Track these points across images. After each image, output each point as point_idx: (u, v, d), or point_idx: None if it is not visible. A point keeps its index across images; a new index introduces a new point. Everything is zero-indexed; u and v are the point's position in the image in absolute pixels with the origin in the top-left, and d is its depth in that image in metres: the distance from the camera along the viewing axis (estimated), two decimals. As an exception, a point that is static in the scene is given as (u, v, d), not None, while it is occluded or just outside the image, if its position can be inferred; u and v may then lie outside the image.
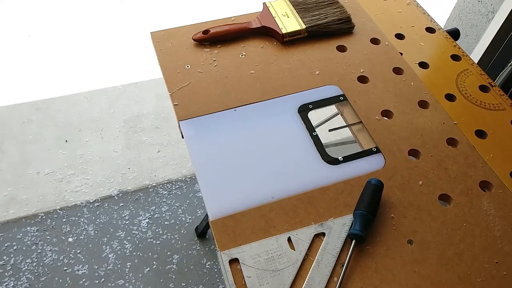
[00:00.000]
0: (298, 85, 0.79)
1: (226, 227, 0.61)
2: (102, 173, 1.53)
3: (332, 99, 0.77)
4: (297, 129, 0.72)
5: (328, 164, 0.68)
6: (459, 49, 0.89)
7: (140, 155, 1.59)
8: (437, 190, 0.67)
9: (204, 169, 0.67)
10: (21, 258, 1.31)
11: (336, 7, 0.90)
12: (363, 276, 0.58)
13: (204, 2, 2.25)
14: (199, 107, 0.74)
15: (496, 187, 0.67)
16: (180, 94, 0.76)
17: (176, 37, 0.85)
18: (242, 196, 0.64)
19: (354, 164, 0.69)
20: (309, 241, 0.60)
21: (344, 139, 1.27)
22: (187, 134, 0.71)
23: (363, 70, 0.82)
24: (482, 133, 0.75)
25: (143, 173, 1.55)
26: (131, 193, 1.50)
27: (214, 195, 0.64)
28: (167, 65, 0.80)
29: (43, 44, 2.01)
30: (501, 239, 0.62)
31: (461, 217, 0.64)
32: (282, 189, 0.65)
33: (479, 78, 0.83)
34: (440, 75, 0.84)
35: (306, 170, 0.68)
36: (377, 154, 0.70)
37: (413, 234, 0.62)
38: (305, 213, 0.63)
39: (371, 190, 0.62)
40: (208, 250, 1.37)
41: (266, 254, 0.59)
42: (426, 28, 0.92)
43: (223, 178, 0.66)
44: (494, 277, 0.59)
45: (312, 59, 0.83)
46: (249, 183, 0.66)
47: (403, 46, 0.88)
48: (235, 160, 0.68)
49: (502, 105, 0.79)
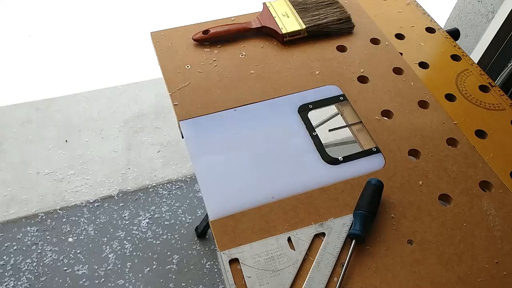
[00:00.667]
0: (298, 85, 0.79)
1: (226, 227, 0.61)
2: (102, 173, 1.53)
3: (332, 99, 0.77)
4: (297, 129, 0.72)
5: (328, 164, 0.68)
6: (459, 49, 0.89)
7: (140, 155, 1.59)
8: (437, 190, 0.67)
9: (204, 169, 0.67)
10: (21, 258, 1.31)
11: (336, 7, 0.90)
12: (363, 276, 0.58)
13: (204, 2, 2.25)
14: (199, 107, 0.74)
15: (496, 187, 0.67)
16: (180, 94, 0.76)
17: (176, 37, 0.85)
18: (242, 196, 0.64)
19: (354, 164, 0.69)
20: (309, 241, 0.60)
21: (344, 139, 1.27)
22: (187, 134, 0.71)
23: (363, 70, 0.82)
24: (482, 133, 0.75)
25: (143, 173, 1.55)
26: (131, 193, 1.50)
27: (214, 196, 0.64)
28: (167, 65, 0.80)
29: (43, 44, 2.01)
30: (501, 239, 0.62)
31: (461, 217, 0.64)
32: (282, 189, 0.65)
33: (479, 78, 0.83)
34: (440, 75, 0.84)
35: (306, 170, 0.68)
36: (377, 154, 0.70)
37: (413, 234, 0.62)
38: (305, 213, 0.63)
39: (371, 190, 0.62)
40: (208, 250, 1.37)
41: (266, 254, 0.59)
42: (426, 28, 0.92)
43: (223, 178, 0.66)
44: (494, 277, 0.59)
45: (312, 59, 0.83)
46: (249, 183, 0.66)
47: (403, 46, 0.88)
48: (235, 160, 0.68)
49: (502, 105, 0.79)
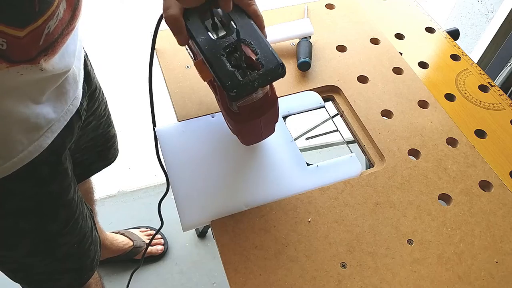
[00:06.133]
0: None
1: (226, 227, 0.61)
2: (102, 173, 1.53)
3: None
4: (275, 135, 0.68)
5: (306, 171, 0.67)
6: (459, 49, 0.89)
7: (140, 154, 1.59)
8: (437, 190, 0.67)
9: (178, 177, 0.66)
10: (21, 258, 1.31)
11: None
12: (363, 276, 0.58)
13: (204, 2, 2.25)
14: (199, 107, 0.74)
15: (496, 187, 0.68)
16: (180, 94, 0.76)
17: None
18: (215, 205, 0.63)
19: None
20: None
21: (341, 140, 1.27)
22: (162, 140, 0.69)
23: (363, 70, 0.82)
24: (482, 133, 0.75)
25: (143, 173, 1.55)
26: (131, 193, 1.50)
27: (187, 204, 0.63)
28: (167, 65, 0.80)
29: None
30: (501, 239, 0.62)
31: (461, 217, 0.64)
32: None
33: (479, 78, 0.84)
34: (439, 75, 0.84)
35: (283, 177, 0.66)
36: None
37: (413, 233, 0.62)
38: (305, 213, 0.63)
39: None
40: (208, 250, 1.37)
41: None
42: (426, 28, 0.93)
43: (196, 186, 0.65)
44: (494, 277, 0.59)
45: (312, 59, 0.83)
46: (223, 191, 0.64)
47: (403, 46, 0.88)
48: (209, 168, 0.67)
49: (502, 104, 0.79)
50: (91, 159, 0.89)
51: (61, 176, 0.65)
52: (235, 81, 0.48)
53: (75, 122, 0.66)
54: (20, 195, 0.61)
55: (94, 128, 0.82)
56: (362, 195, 0.65)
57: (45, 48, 0.50)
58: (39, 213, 0.64)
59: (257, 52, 0.50)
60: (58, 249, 0.71)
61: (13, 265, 0.71)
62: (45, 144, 0.58)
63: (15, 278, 0.73)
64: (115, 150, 0.97)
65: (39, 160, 0.58)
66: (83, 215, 0.74)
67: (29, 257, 0.69)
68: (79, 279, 0.80)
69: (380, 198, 0.65)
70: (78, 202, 0.71)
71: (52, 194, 0.64)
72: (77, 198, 0.71)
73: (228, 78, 0.48)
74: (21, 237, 0.65)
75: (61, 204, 0.67)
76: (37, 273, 0.73)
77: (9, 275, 0.73)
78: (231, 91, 0.47)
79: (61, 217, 0.68)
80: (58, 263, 0.73)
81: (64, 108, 0.61)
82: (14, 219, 0.62)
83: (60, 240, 0.70)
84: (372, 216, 0.63)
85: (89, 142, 0.83)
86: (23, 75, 0.49)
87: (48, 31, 0.49)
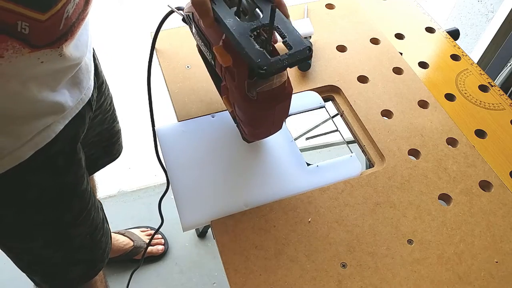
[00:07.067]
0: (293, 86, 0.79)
1: (226, 227, 0.61)
2: (102, 173, 1.53)
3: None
4: (276, 135, 0.68)
5: (306, 171, 0.67)
6: (459, 49, 0.89)
7: (140, 154, 1.59)
8: (437, 189, 0.67)
9: (178, 177, 0.66)
10: (21, 258, 1.31)
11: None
12: (363, 276, 0.58)
13: (204, 2, 2.25)
14: (199, 107, 0.74)
15: (496, 187, 0.68)
16: (180, 94, 0.76)
17: (176, 37, 0.85)
18: (215, 205, 0.63)
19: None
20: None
21: (341, 140, 1.27)
22: (163, 139, 0.69)
23: (363, 70, 0.82)
24: (482, 133, 0.75)
25: (143, 173, 1.55)
26: (131, 193, 1.50)
27: (188, 204, 0.63)
28: (167, 65, 0.80)
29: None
30: (501, 239, 0.62)
31: (461, 216, 0.64)
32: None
33: (479, 77, 0.84)
34: (440, 75, 0.84)
35: (283, 177, 0.66)
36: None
37: (413, 233, 0.62)
38: (305, 213, 0.63)
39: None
40: (208, 250, 1.37)
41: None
42: (426, 28, 0.93)
43: (197, 186, 0.65)
44: (494, 277, 0.59)
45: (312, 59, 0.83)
46: (223, 191, 0.64)
47: (403, 46, 0.88)
48: (209, 168, 0.66)
49: (502, 104, 0.79)
50: (97, 154, 0.90)
51: (75, 167, 0.66)
52: (265, 59, 0.48)
53: (87, 112, 0.67)
54: (37, 186, 0.62)
55: (100, 122, 0.83)
56: (362, 195, 0.65)
57: (65, 33, 0.52)
58: (55, 204, 0.66)
59: (285, 35, 0.51)
60: (72, 240, 0.72)
61: (28, 257, 0.72)
62: (57, 129, 0.60)
63: (29, 271, 0.74)
64: (120, 146, 0.98)
65: (55, 151, 0.60)
66: (95, 207, 0.75)
67: (44, 248, 0.70)
68: (90, 271, 0.81)
69: (380, 198, 0.65)
70: (90, 193, 0.73)
71: (67, 185, 0.66)
72: (89, 189, 0.72)
73: (258, 56, 0.49)
74: (38, 228, 0.66)
75: (76, 195, 0.68)
76: (51, 265, 0.74)
77: (24, 268, 0.73)
78: (261, 68, 0.48)
79: (76, 208, 0.69)
80: (71, 254, 0.74)
81: (79, 97, 0.63)
82: (32, 211, 0.63)
83: (74, 231, 0.71)
84: (372, 216, 0.63)
85: (95, 137, 0.84)
86: (43, 63, 0.51)
87: (67, 15, 0.50)
